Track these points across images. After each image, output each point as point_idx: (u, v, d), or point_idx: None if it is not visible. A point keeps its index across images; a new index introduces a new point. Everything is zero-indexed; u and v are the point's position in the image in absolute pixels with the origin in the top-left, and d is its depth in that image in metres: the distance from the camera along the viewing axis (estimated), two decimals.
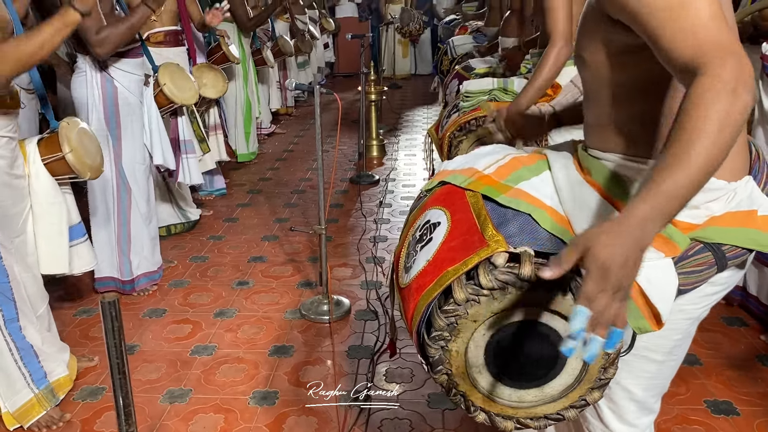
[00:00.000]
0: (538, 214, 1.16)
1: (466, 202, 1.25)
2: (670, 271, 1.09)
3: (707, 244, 1.11)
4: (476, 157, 1.36)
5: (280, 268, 3.25)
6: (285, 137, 6.09)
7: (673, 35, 0.98)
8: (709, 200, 1.10)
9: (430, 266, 1.16)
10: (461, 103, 2.56)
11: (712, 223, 1.11)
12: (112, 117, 2.76)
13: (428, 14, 9.42)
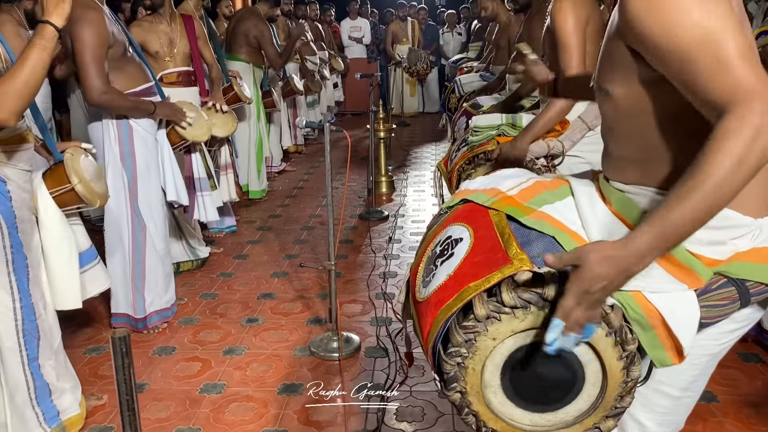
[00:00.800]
0: (562, 237, 1.15)
1: (489, 220, 1.25)
2: (693, 304, 1.08)
3: (731, 279, 1.11)
4: (500, 179, 1.37)
5: (290, 305, 3.24)
6: (295, 174, 6.14)
7: (700, 75, 0.97)
8: (735, 236, 1.10)
9: (451, 281, 1.15)
10: (470, 138, 2.58)
11: (737, 258, 1.11)
12: (127, 156, 2.81)
13: (435, 54, 9.57)
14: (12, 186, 1.87)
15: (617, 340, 1.04)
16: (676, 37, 0.97)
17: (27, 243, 1.94)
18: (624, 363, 1.05)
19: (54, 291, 2.08)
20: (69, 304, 2.12)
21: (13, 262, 1.88)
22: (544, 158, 2.45)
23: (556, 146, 2.44)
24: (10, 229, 1.86)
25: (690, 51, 0.97)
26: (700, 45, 0.96)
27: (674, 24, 0.96)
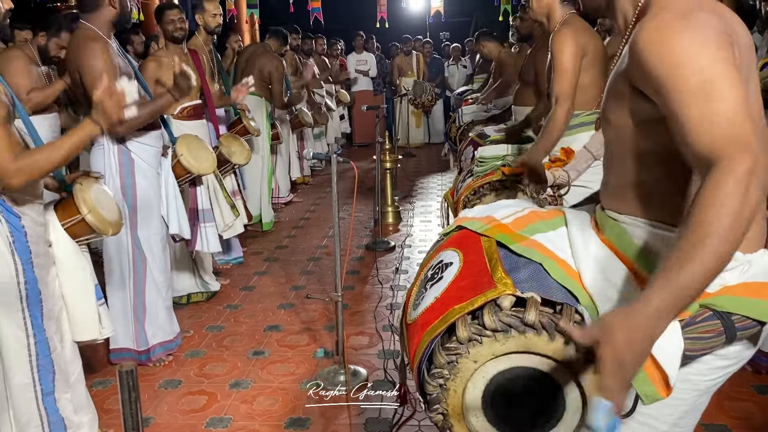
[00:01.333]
0: (549, 264, 1.18)
1: (480, 246, 1.28)
2: (677, 334, 1.08)
3: (717, 312, 1.10)
4: (496, 208, 1.40)
5: (296, 337, 3.22)
6: (302, 205, 6.16)
7: (694, 121, 0.99)
8: (725, 270, 1.06)
9: (438, 303, 1.18)
10: (475, 168, 2.60)
11: (724, 291, 1.10)
12: (128, 188, 2.82)
13: (440, 86, 9.68)
14: (27, 220, 1.88)
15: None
16: (677, 78, 0.99)
17: (42, 277, 1.94)
18: None
19: (72, 322, 2.08)
20: (87, 334, 2.11)
21: (27, 298, 1.89)
22: (550, 188, 2.46)
23: (561, 176, 2.44)
24: (25, 264, 1.87)
25: (687, 95, 0.99)
26: (698, 91, 0.98)
27: (677, 65, 1.00)
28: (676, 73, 0.99)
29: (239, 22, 9.28)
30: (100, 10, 2.62)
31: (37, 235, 1.93)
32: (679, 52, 1.00)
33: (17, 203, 1.86)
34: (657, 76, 1.02)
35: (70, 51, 2.65)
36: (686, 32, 1.01)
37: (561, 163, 2.49)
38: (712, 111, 0.98)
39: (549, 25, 2.46)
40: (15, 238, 1.84)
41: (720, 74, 0.98)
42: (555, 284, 1.15)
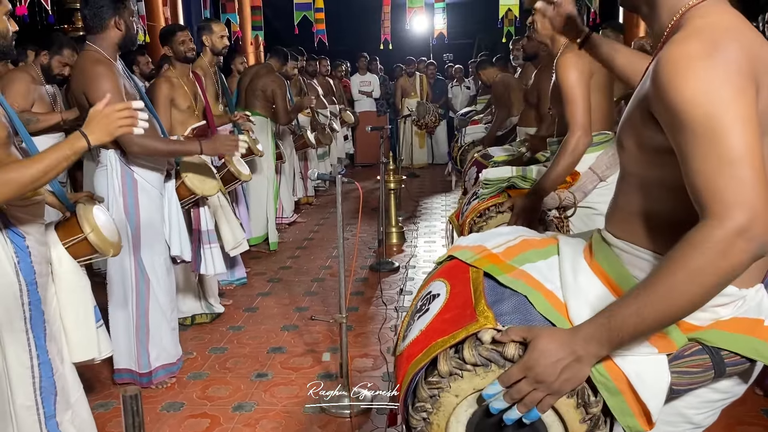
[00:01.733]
0: (534, 296, 1.17)
1: (467, 277, 1.27)
2: (663, 368, 1.07)
3: (706, 347, 1.09)
4: (489, 236, 1.40)
5: (300, 359, 3.19)
6: (305, 226, 6.16)
7: (696, 162, 0.97)
8: (718, 304, 1.08)
9: (422, 336, 1.18)
10: (480, 191, 2.58)
11: (715, 326, 1.09)
12: (131, 208, 2.81)
13: (444, 107, 9.73)
14: (31, 240, 1.87)
15: (579, 402, 1.05)
16: (687, 115, 0.96)
17: (45, 297, 1.93)
18: (588, 426, 1.05)
19: (69, 343, 2.06)
20: (85, 355, 2.09)
21: (30, 319, 1.87)
22: (556, 210, 2.45)
23: (567, 198, 2.43)
24: (30, 285, 1.86)
25: (694, 134, 0.96)
26: (706, 133, 0.95)
27: (691, 102, 0.96)
28: (688, 109, 0.96)
29: (244, 44, 9.37)
30: (105, 31, 2.64)
31: (41, 255, 1.92)
32: (695, 88, 0.96)
33: (21, 223, 1.85)
34: (670, 108, 0.99)
35: (75, 73, 2.66)
36: (708, 70, 0.96)
37: (566, 185, 2.48)
38: (714, 157, 0.94)
39: (553, 47, 2.45)
40: (20, 259, 1.83)
41: (732, 121, 0.94)
42: (538, 317, 1.14)
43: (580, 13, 2.43)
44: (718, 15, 1.04)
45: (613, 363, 1.06)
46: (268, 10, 10.18)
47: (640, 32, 6.73)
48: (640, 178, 1.16)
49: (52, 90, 4.07)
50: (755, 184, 0.92)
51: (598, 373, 1.05)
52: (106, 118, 1.75)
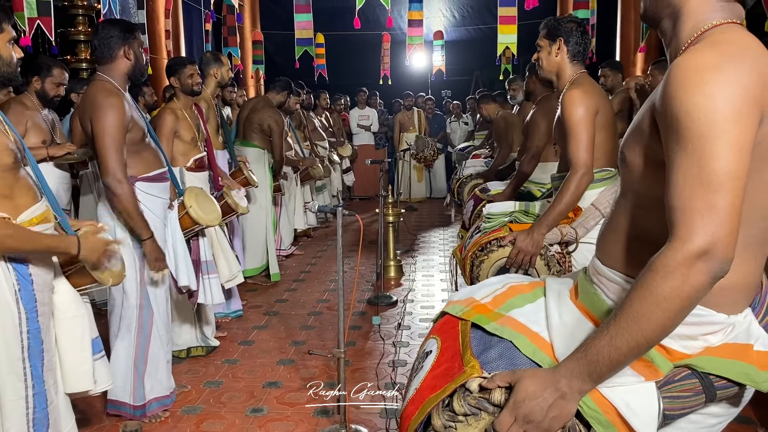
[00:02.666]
0: (520, 340, 1.19)
1: (457, 330, 1.31)
2: (652, 395, 1.08)
3: (695, 372, 1.10)
4: (478, 288, 1.42)
5: (296, 395, 3.13)
6: (303, 258, 6.12)
7: (680, 175, 0.96)
8: (707, 333, 1.09)
9: (417, 394, 1.21)
10: (483, 225, 2.58)
11: (706, 352, 1.10)
12: (136, 240, 2.79)
13: (442, 142, 9.80)
14: (34, 269, 1.85)
15: None
16: (683, 124, 0.96)
17: (46, 327, 1.89)
18: None
19: (64, 373, 2.01)
20: (80, 386, 2.04)
21: (28, 348, 1.83)
22: (557, 245, 2.43)
23: (569, 233, 2.43)
24: (29, 313, 1.83)
25: (684, 144, 0.96)
26: (695, 145, 0.95)
27: (690, 112, 0.96)
28: (685, 121, 0.96)
29: (245, 77, 9.48)
30: (115, 62, 2.66)
31: (44, 283, 1.89)
32: (698, 100, 0.96)
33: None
34: (670, 114, 0.99)
35: (84, 101, 2.66)
36: (716, 83, 0.95)
37: (568, 220, 2.47)
38: (696, 178, 0.94)
39: (559, 83, 2.47)
40: (21, 286, 1.81)
41: (724, 145, 0.93)
42: (525, 360, 1.16)
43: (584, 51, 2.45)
44: (738, 35, 1.04)
45: (600, 395, 1.07)
46: (269, 44, 10.33)
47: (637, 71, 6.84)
48: (639, 196, 1.16)
49: (50, 117, 4.07)
50: (726, 214, 0.93)
51: (588, 407, 1.06)
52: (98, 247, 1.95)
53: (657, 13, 1.17)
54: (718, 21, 1.08)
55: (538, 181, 3.86)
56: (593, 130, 2.32)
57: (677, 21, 1.14)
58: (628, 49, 7.22)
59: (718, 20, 1.08)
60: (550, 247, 2.41)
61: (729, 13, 1.09)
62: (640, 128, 1.13)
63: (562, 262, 2.42)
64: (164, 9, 7.01)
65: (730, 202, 0.93)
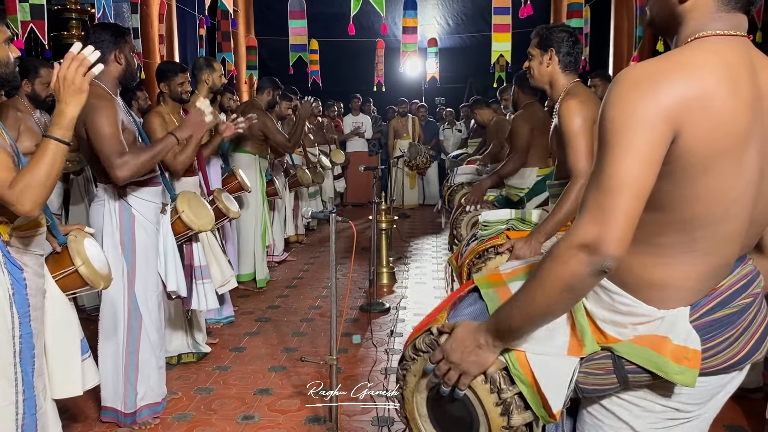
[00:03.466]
0: (493, 303, 1.33)
1: (461, 292, 1.49)
2: (568, 367, 1.20)
3: (612, 354, 1.20)
4: (512, 263, 1.56)
5: (288, 402, 3.10)
6: (295, 264, 6.09)
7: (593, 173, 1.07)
8: (636, 323, 1.18)
9: (411, 333, 1.43)
10: (479, 232, 2.57)
11: (633, 339, 1.18)
12: (128, 244, 2.77)
13: (435, 149, 9.81)
14: (28, 273, 1.83)
15: (492, 388, 1.22)
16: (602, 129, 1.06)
17: (38, 331, 1.87)
18: (501, 409, 1.21)
19: (52, 378, 1.99)
20: (69, 391, 2.02)
21: (20, 353, 1.81)
22: None
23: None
24: (23, 318, 1.81)
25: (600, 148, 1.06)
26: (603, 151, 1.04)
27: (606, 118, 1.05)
28: (601, 125, 1.06)
29: (239, 83, 9.47)
30: (106, 66, 2.64)
31: (37, 288, 1.88)
32: (610, 110, 1.05)
33: (20, 254, 1.82)
34: (599, 120, 1.08)
35: None
36: (630, 99, 1.03)
37: (566, 228, 2.48)
38: (596, 178, 1.05)
39: (552, 93, 2.46)
40: (15, 291, 1.79)
41: (623, 153, 1.01)
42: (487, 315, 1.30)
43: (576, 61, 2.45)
44: (703, 53, 1.09)
45: (525, 359, 1.20)
46: (263, 50, 10.33)
47: None
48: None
49: (43, 120, 4.05)
50: (614, 217, 1.01)
51: (513, 367, 1.20)
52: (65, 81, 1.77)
53: (663, 23, 1.22)
54: (709, 32, 1.11)
55: (516, 185, 3.98)
56: (591, 139, 2.31)
57: (678, 30, 1.17)
58: (621, 58, 7.27)
59: (710, 31, 1.11)
60: None
61: (727, 24, 1.11)
62: None
63: None
64: (158, 14, 7.00)
65: (619, 206, 1.01)
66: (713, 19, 1.12)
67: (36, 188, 1.69)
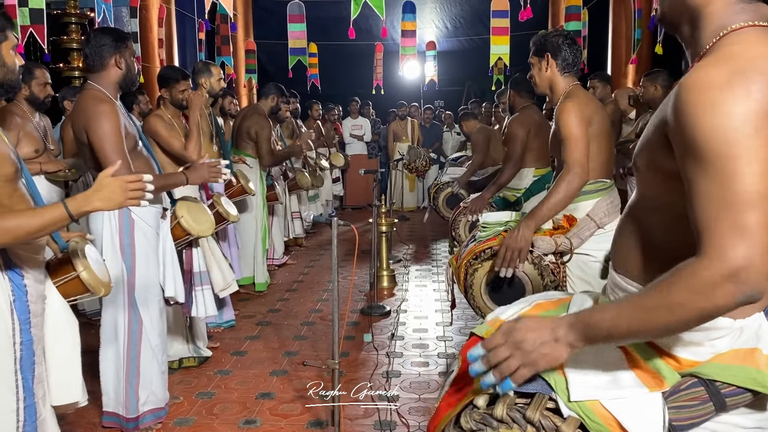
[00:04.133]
0: None
1: None
2: (656, 406, 1.07)
3: (701, 380, 1.08)
4: (505, 308, 1.45)
5: (289, 406, 3.10)
6: (295, 268, 6.09)
7: (703, 196, 0.94)
8: (714, 338, 1.08)
9: (436, 412, 1.27)
10: (478, 234, 2.59)
11: (714, 359, 1.08)
12: (127, 248, 2.77)
13: (437, 151, 9.83)
14: (29, 279, 1.83)
15: None
16: (700, 144, 0.94)
17: (38, 338, 1.87)
18: None
19: (52, 385, 1.98)
20: (69, 397, 2.00)
21: (21, 360, 1.80)
22: (552, 255, 2.44)
23: (564, 243, 2.43)
24: (23, 324, 1.80)
25: (703, 166, 0.93)
26: (715, 166, 0.92)
27: (705, 132, 0.93)
28: (701, 143, 0.94)
29: (238, 86, 9.48)
30: (106, 70, 2.65)
31: (37, 294, 1.87)
32: (712, 121, 0.93)
33: (22, 261, 1.81)
34: (684, 136, 0.97)
35: (76, 110, 2.65)
36: (728, 103, 0.93)
37: (563, 230, 2.48)
38: (720, 199, 0.92)
39: (553, 97, 2.51)
40: (16, 297, 1.78)
41: (746, 164, 0.90)
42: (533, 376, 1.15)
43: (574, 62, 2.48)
44: (752, 44, 1.00)
45: (603, 408, 1.06)
46: (262, 53, 10.34)
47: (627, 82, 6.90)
48: (653, 204, 1.16)
49: (42, 123, 4.04)
50: (758, 233, 0.90)
51: (591, 420, 1.06)
52: (117, 189, 1.78)
53: (676, 18, 1.14)
54: (738, 24, 1.03)
55: (513, 186, 4.09)
56: (587, 139, 2.35)
57: (696, 26, 1.09)
58: (619, 60, 7.29)
59: (739, 23, 1.03)
60: (545, 257, 2.41)
61: (752, 15, 1.04)
62: (652, 140, 1.11)
63: (556, 272, 2.42)
64: (157, 18, 7.01)
65: (762, 221, 0.90)
66: (736, 11, 1.05)
67: (11, 236, 1.65)
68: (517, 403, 1.11)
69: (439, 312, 4.57)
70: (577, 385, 1.10)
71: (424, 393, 3.22)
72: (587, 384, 1.10)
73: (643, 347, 1.11)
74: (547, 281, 2.36)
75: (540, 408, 1.10)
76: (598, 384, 1.08)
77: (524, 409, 1.10)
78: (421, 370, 3.52)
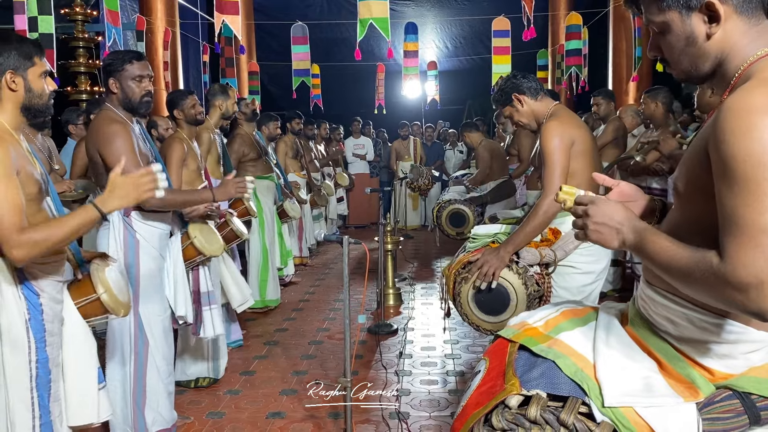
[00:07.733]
0: (562, 360, 1.22)
1: (505, 352, 1.36)
2: (691, 416, 1.08)
3: (736, 392, 1.10)
4: (533, 313, 1.47)
5: (300, 425, 3.10)
6: (301, 287, 6.10)
7: (736, 216, 0.96)
8: (749, 351, 1.09)
9: (463, 411, 1.28)
10: (468, 244, 2.71)
11: (749, 372, 1.10)
12: (132, 267, 2.77)
13: (440, 170, 9.88)
14: (45, 299, 1.85)
15: None
16: (739, 166, 0.96)
17: (54, 357, 1.89)
18: None
19: (69, 405, 1.99)
20: (84, 419, 2.02)
21: (36, 378, 1.83)
22: (537, 266, 2.50)
23: (548, 255, 2.51)
24: (38, 343, 1.82)
25: (743, 188, 0.95)
26: (751, 190, 0.94)
27: (746, 155, 0.95)
28: (739, 165, 0.96)
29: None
30: (109, 93, 2.71)
31: (54, 314, 1.89)
32: (751, 144, 0.95)
33: (37, 280, 1.83)
34: (723, 157, 0.99)
35: (91, 131, 2.69)
36: (764, 128, 0.95)
37: (548, 243, 2.56)
38: (752, 223, 0.94)
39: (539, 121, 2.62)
40: (31, 316, 1.81)
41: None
42: (565, 379, 1.18)
43: (537, 85, 2.61)
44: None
45: (638, 415, 1.07)
46: (264, 75, 10.46)
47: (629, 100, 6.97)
48: (691, 224, 1.17)
49: (47, 145, 4.08)
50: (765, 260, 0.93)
51: (624, 427, 1.08)
52: (130, 185, 1.84)
53: (700, 69, 1.15)
54: (763, 51, 1.06)
55: None
56: (567, 159, 2.46)
57: (722, 63, 1.12)
58: (620, 78, 7.37)
59: (762, 49, 1.06)
60: (530, 268, 2.47)
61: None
62: (694, 161, 1.13)
63: (541, 282, 2.50)
64: (163, 41, 7.10)
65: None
66: (753, 38, 1.07)
67: (42, 247, 1.72)
68: (549, 406, 1.13)
69: (446, 330, 4.58)
70: (611, 390, 1.12)
71: (434, 411, 3.22)
72: (621, 390, 1.12)
73: (677, 357, 1.13)
74: (530, 290, 2.42)
75: (574, 411, 1.11)
76: (632, 390, 1.10)
77: (558, 412, 1.12)
78: (431, 388, 3.52)
